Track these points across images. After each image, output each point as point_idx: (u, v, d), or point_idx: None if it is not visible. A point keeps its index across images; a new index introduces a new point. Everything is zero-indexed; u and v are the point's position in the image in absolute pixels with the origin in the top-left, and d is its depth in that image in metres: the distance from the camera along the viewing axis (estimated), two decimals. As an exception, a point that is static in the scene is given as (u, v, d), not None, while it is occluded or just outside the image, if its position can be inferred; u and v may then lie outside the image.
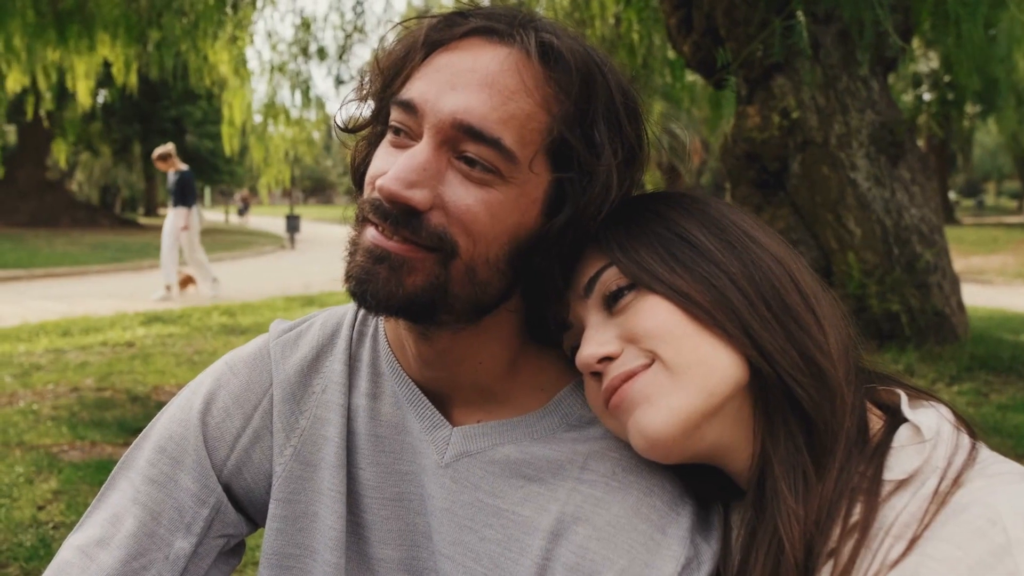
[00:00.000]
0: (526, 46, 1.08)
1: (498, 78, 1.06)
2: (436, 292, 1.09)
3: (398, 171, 1.05)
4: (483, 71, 1.07)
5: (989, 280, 19.94)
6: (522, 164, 1.07)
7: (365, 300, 1.09)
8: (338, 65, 12.96)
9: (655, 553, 1.11)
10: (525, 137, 1.07)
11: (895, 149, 7.84)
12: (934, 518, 0.99)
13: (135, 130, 41.41)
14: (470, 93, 1.06)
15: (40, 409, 7.03)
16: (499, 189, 1.07)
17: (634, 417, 1.10)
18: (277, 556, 1.27)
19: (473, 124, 1.05)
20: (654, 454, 1.11)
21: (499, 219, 1.08)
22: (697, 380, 1.08)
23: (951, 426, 1.08)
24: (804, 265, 1.19)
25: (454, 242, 1.07)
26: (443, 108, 1.06)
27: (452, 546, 1.19)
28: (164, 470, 1.27)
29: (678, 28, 8.62)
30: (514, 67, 1.07)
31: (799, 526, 1.06)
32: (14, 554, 4.33)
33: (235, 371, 1.33)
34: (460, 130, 1.05)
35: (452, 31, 1.12)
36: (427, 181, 1.06)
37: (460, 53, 1.10)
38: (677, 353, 1.09)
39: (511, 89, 1.06)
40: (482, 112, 1.05)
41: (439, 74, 1.09)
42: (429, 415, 1.25)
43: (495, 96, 1.06)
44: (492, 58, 1.08)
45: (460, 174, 1.07)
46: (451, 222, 1.06)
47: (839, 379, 1.11)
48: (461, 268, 1.08)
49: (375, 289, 1.08)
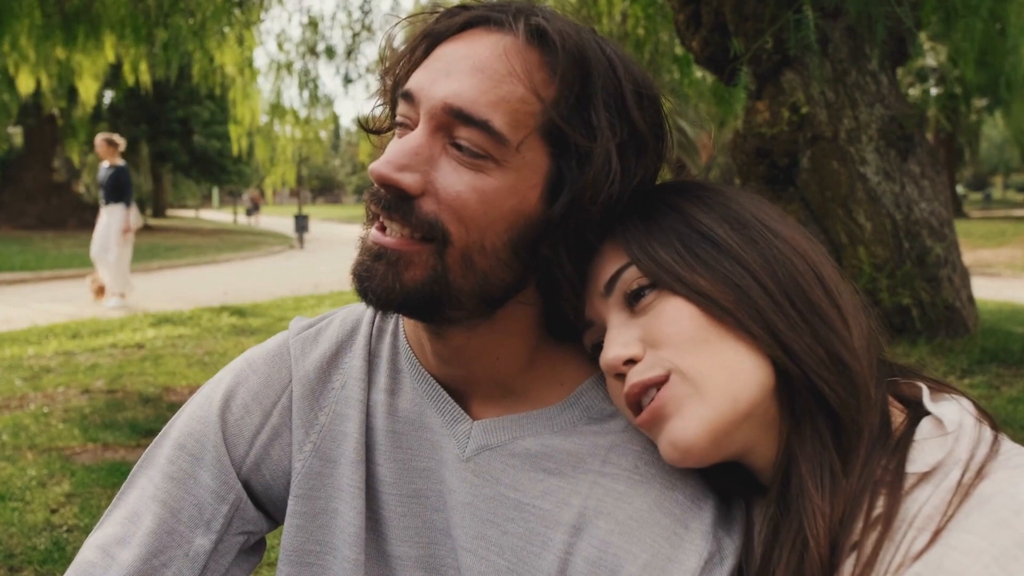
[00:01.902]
0: (521, 30, 1.08)
1: (489, 62, 1.07)
2: (436, 285, 1.09)
3: (390, 155, 1.07)
4: (475, 57, 1.08)
5: (997, 273, 19.91)
6: (514, 147, 1.06)
7: (367, 297, 1.10)
8: (346, 64, 12.98)
9: (677, 547, 1.10)
10: (517, 120, 1.06)
11: (905, 143, 7.82)
12: (958, 510, 0.98)
13: (142, 131, 41.51)
14: (462, 78, 1.07)
15: (51, 412, 7.05)
16: (492, 175, 1.07)
17: (664, 432, 1.09)
18: (297, 553, 1.27)
19: (463, 107, 1.05)
20: (686, 463, 1.10)
21: (493, 205, 1.07)
22: (722, 388, 1.07)
23: (973, 418, 1.08)
24: (826, 256, 1.17)
25: (445, 229, 1.06)
26: (436, 94, 1.07)
27: (474, 540, 1.19)
28: (183, 467, 1.27)
29: (686, 24, 8.61)
30: (505, 52, 1.07)
31: (825, 523, 1.05)
32: (28, 557, 4.33)
33: (255, 368, 1.33)
34: (451, 114, 1.06)
35: (451, 22, 1.13)
36: (418, 165, 1.06)
37: (458, 43, 1.11)
38: (699, 362, 1.07)
39: (502, 73, 1.06)
40: (471, 96, 1.05)
41: (437, 64, 1.10)
42: (450, 409, 1.24)
43: (485, 80, 1.06)
44: (485, 45, 1.09)
45: (453, 160, 1.07)
46: (442, 209, 1.06)
47: (864, 374, 1.09)
48: (457, 257, 1.08)
49: (374, 286, 1.09)
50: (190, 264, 25.79)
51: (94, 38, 10.89)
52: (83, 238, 29.88)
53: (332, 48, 12.99)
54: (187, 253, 28.24)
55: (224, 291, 16.97)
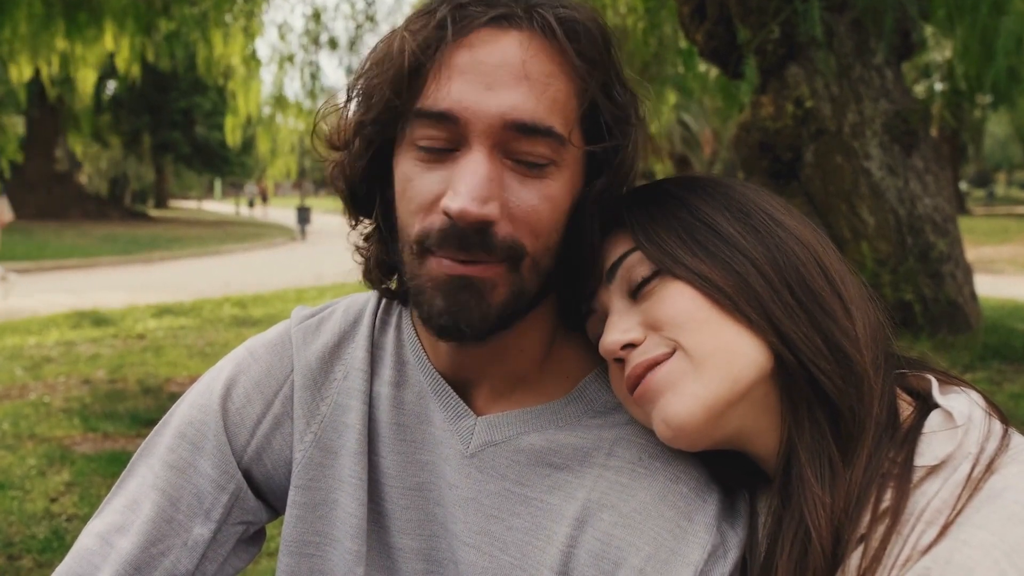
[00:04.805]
0: (546, 26, 1.05)
1: (530, 66, 1.04)
2: (519, 297, 1.09)
3: (470, 190, 1.01)
4: (513, 63, 1.03)
5: (1000, 270, 19.90)
6: (568, 144, 1.06)
7: (460, 332, 1.08)
8: (349, 55, 12.96)
9: (681, 540, 1.09)
10: (567, 117, 1.05)
11: (909, 138, 7.82)
12: (967, 504, 0.98)
13: (144, 121, 41.54)
14: (510, 90, 1.03)
15: (52, 401, 7.06)
16: (554, 177, 1.06)
17: (658, 406, 1.09)
18: (297, 543, 1.26)
19: (525, 120, 1.02)
20: (679, 442, 1.10)
21: (559, 207, 1.08)
22: (721, 367, 1.07)
23: (983, 411, 1.07)
24: (831, 248, 1.17)
25: (523, 245, 1.06)
26: (488, 111, 1.02)
27: (477, 535, 1.18)
28: (183, 455, 1.26)
29: (691, 17, 8.60)
30: (540, 50, 1.05)
31: (825, 513, 1.05)
32: (27, 546, 4.34)
33: (256, 357, 1.32)
34: (513, 129, 1.03)
35: (463, 26, 1.06)
36: (495, 192, 1.03)
37: (479, 49, 1.05)
38: (700, 341, 1.07)
39: (545, 74, 1.04)
40: (529, 106, 1.03)
41: (467, 76, 1.04)
42: (453, 405, 1.23)
43: (535, 86, 1.03)
44: (515, 46, 1.04)
45: (518, 174, 1.05)
46: (517, 227, 1.05)
47: (865, 365, 1.09)
48: (529, 265, 1.08)
49: (468, 318, 1.06)
50: (192, 255, 25.84)
51: (95, 27, 10.86)
52: (85, 228, 29.97)
53: (335, 39, 12.98)
54: (189, 244, 28.31)
55: (226, 282, 16.98)
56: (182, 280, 17.55)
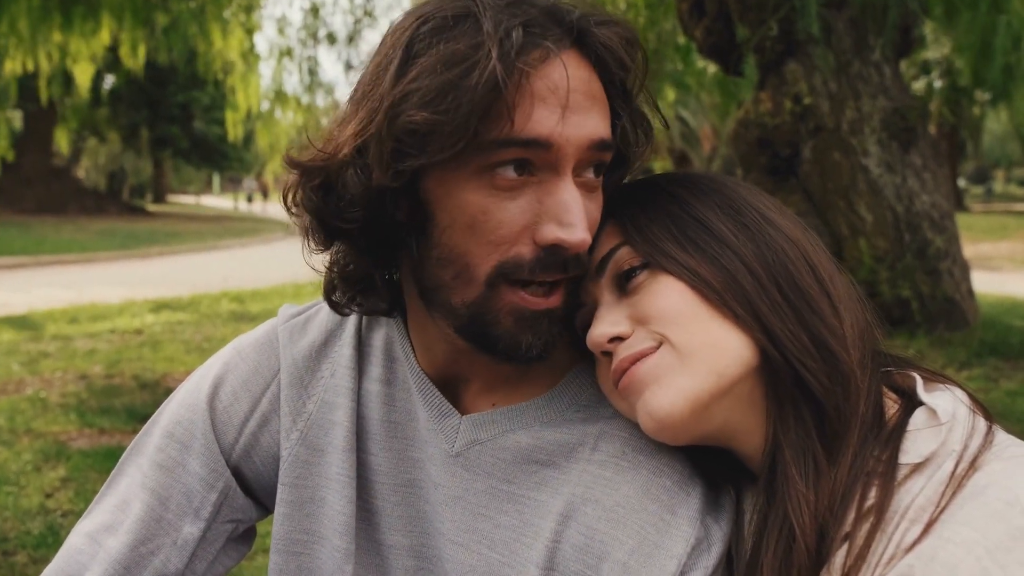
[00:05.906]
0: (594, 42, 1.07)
1: (590, 87, 1.06)
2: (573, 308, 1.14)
3: (580, 220, 1.04)
4: (581, 86, 1.04)
5: (998, 267, 19.88)
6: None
7: (541, 358, 1.11)
8: (348, 50, 12.96)
9: (664, 533, 1.09)
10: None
11: (907, 135, 7.82)
12: (951, 501, 0.98)
13: (142, 116, 41.46)
14: (587, 113, 1.05)
15: (48, 397, 7.06)
16: (599, 187, 1.11)
17: (643, 398, 1.09)
18: (285, 541, 1.27)
19: (605, 138, 1.06)
20: (663, 435, 1.10)
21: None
22: (707, 361, 1.07)
23: (967, 409, 1.07)
24: (821, 247, 1.18)
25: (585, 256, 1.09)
26: (578, 135, 1.03)
27: (465, 533, 1.18)
28: (172, 455, 1.26)
29: (690, 13, 8.60)
30: (586, 71, 1.06)
31: (810, 511, 1.05)
32: (22, 542, 4.34)
33: (243, 355, 1.33)
34: (596, 149, 1.06)
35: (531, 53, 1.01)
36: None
37: (552, 72, 1.02)
38: (686, 335, 1.08)
39: (600, 92, 1.08)
40: (604, 125, 1.07)
41: (548, 102, 1.02)
42: (437, 404, 1.23)
43: (597, 104, 1.06)
44: (578, 69, 1.05)
45: (582, 189, 1.07)
46: (587, 239, 1.07)
47: (852, 364, 1.09)
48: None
49: (548, 343, 1.10)
50: (190, 250, 25.81)
51: (92, 20, 10.83)
52: (82, 223, 29.95)
53: (333, 34, 12.98)
54: (187, 239, 28.29)
55: (224, 277, 16.97)
56: (180, 275, 17.52)
